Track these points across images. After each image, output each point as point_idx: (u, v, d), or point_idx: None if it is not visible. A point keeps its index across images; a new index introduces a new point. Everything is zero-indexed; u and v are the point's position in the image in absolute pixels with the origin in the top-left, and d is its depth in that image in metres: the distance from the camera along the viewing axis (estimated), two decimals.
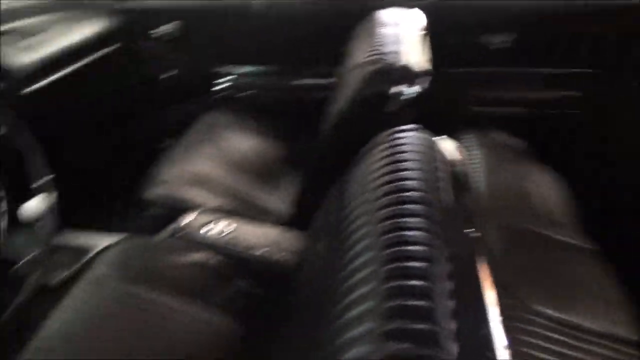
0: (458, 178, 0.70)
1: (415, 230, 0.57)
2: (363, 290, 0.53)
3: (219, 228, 1.18)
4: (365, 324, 0.48)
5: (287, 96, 1.74)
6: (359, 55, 1.19)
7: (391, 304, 0.48)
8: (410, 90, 1.04)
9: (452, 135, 1.35)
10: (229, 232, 1.17)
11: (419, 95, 1.04)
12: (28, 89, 1.32)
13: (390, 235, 0.58)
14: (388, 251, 0.55)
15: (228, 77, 1.74)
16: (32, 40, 1.42)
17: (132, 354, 0.85)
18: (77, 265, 1.17)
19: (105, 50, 1.57)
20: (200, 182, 1.34)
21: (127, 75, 1.70)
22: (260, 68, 1.74)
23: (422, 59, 1.11)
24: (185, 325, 0.94)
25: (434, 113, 1.40)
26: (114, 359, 0.84)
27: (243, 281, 1.08)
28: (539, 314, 0.89)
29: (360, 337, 0.47)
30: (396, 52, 1.11)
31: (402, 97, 1.04)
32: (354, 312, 0.51)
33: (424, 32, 1.25)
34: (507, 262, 0.98)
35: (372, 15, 1.40)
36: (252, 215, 1.27)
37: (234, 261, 1.10)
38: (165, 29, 1.67)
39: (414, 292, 0.48)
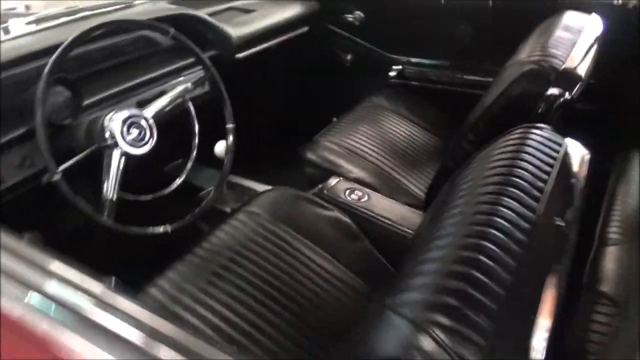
0: (569, 180, 0.71)
1: (508, 209, 0.62)
2: (440, 253, 0.60)
3: (357, 195, 1.33)
4: (429, 276, 0.56)
5: (450, 90, 1.78)
6: (524, 52, 1.20)
7: (457, 268, 0.55)
8: (566, 95, 1.02)
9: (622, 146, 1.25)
10: (365, 200, 1.31)
11: (572, 101, 1.01)
12: (237, 56, 1.63)
13: (485, 208, 0.63)
14: (474, 228, 0.61)
15: (398, 66, 1.86)
16: (245, 17, 1.74)
17: (268, 280, 1.05)
18: (241, 202, 1.43)
19: (298, 31, 1.82)
20: (353, 154, 1.50)
21: (311, 53, 1.95)
22: (429, 61, 1.82)
23: (586, 67, 1.08)
24: (320, 275, 1.11)
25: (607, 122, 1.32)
26: (252, 279, 1.04)
27: (367, 243, 1.22)
28: None
29: (420, 287, 0.56)
30: (562, 56, 1.10)
31: (557, 101, 1.04)
32: (425, 267, 0.59)
33: (597, 40, 1.20)
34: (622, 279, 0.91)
35: (553, 17, 1.38)
36: (388, 192, 1.38)
37: (362, 225, 1.24)
38: (351, 16, 1.86)
39: (479, 265, 0.55)
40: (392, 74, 1.89)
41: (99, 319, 0.49)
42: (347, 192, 1.34)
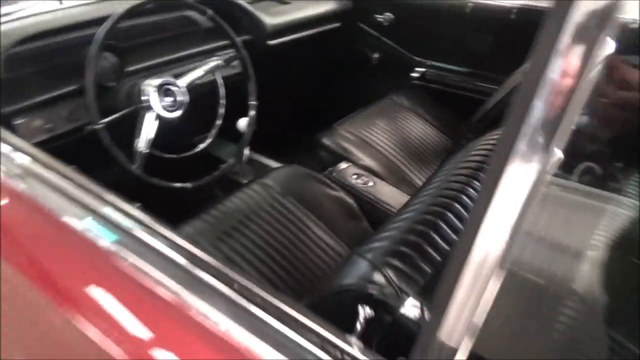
0: None
1: (473, 190, 0.73)
2: (408, 215, 0.71)
3: (363, 180, 1.44)
4: (394, 231, 0.68)
5: (468, 96, 1.87)
6: (529, 61, 1.28)
7: (418, 227, 0.66)
8: None
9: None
10: (370, 186, 1.42)
11: None
12: (269, 43, 1.75)
13: (455, 186, 0.74)
14: (438, 200, 0.72)
15: (421, 69, 1.96)
16: (281, 7, 1.86)
17: (271, 242, 1.17)
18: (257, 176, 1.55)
19: (330, 26, 1.94)
20: (366, 144, 1.61)
21: (340, 48, 2.06)
22: (451, 66, 1.91)
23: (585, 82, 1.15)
24: (316, 244, 1.23)
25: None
26: (257, 240, 1.16)
27: (366, 224, 1.33)
28: None
29: (385, 238, 0.67)
30: None
31: None
32: (393, 225, 0.70)
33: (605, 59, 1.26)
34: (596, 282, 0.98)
35: None
36: (394, 182, 1.48)
37: (364, 207, 1.35)
38: (381, 17, 1.97)
39: (436, 228, 0.65)
40: (414, 75, 1.98)
41: (150, 241, 0.63)
42: (355, 176, 1.45)
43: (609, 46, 1.11)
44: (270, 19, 1.74)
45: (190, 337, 0.56)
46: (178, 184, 1.24)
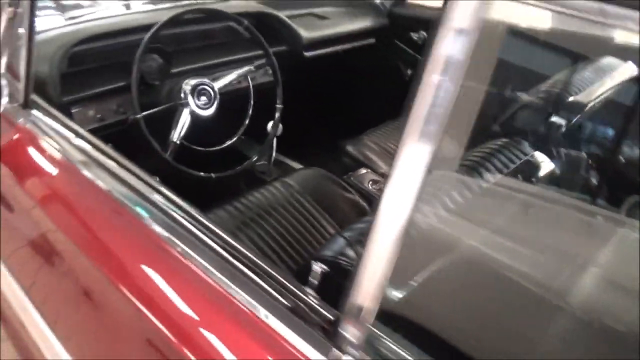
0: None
1: None
2: None
3: (380, 186, 1.52)
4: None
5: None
6: (548, 84, 1.33)
7: None
8: (565, 123, 1.15)
9: None
10: None
11: (573, 129, 1.14)
12: (305, 54, 1.87)
13: None
14: None
15: None
16: (320, 22, 1.99)
17: (284, 235, 1.27)
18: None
19: (365, 42, 2.04)
20: (388, 154, 1.69)
21: (374, 63, 2.15)
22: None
23: (593, 103, 1.19)
24: (326, 239, 1.31)
25: None
26: (272, 232, 1.26)
27: None
28: None
29: (364, 221, 0.75)
30: (576, 90, 1.23)
31: (558, 127, 1.17)
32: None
33: (622, 84, 1.30)
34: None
35: (590, 60, 1.49)
36: None
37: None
38: (415, 35, 2.05)
39: None
40: None
41: (190, 227, 0.75)
42: (371, 182, 1.53)
43: (630, 70, 1.16)
44: (307, 32, 1.86)
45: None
46: (202, 174, 1.36)
